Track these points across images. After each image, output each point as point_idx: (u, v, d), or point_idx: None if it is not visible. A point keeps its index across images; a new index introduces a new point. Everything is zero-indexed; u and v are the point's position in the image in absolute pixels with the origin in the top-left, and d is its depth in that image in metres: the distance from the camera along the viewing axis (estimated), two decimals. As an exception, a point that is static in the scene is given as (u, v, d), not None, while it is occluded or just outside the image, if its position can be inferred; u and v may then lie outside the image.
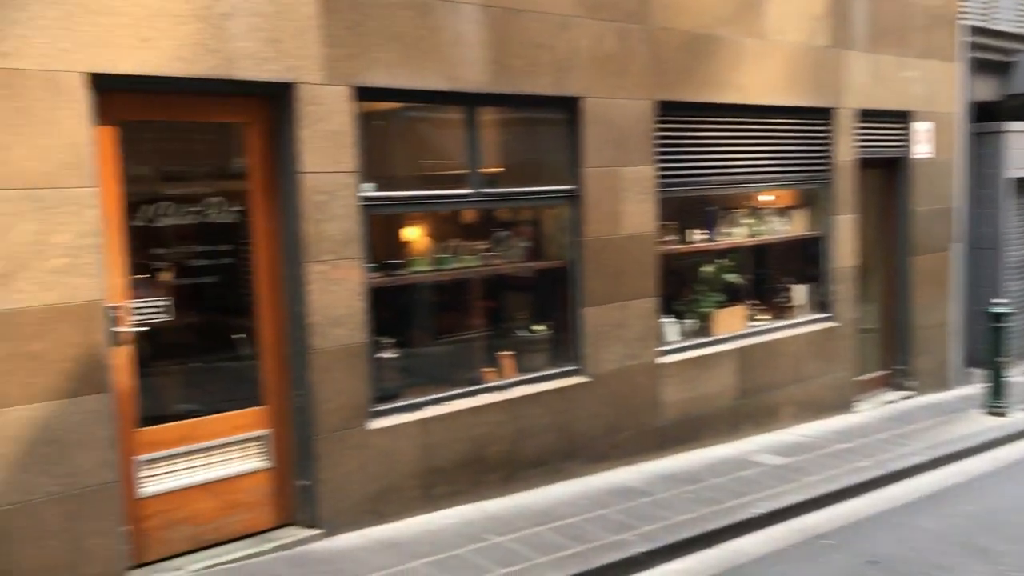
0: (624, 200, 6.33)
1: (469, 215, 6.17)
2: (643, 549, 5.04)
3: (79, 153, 4.18)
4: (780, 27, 7.29)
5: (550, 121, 6.17)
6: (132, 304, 4.59)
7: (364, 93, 5.11)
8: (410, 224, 5.96)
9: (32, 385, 4.10)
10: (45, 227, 4.11)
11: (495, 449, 5.76)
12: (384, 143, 5.59)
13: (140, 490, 4.63)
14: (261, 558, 4.82)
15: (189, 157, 5.12)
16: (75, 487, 4.22)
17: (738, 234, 7.52)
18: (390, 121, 5.72)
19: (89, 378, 4.24)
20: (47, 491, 4.16)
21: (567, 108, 6.07)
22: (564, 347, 6.27)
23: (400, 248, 5.80)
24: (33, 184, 4.07)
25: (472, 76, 5.50)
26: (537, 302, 6.42)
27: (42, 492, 4.15)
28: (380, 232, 5.48)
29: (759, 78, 7.16)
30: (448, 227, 6.12)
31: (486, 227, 6.14)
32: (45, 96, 4.08)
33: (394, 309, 5.64)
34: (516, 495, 5.83)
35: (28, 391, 4.09)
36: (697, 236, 7.19)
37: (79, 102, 4.16)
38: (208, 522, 4.86)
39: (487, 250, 6.01)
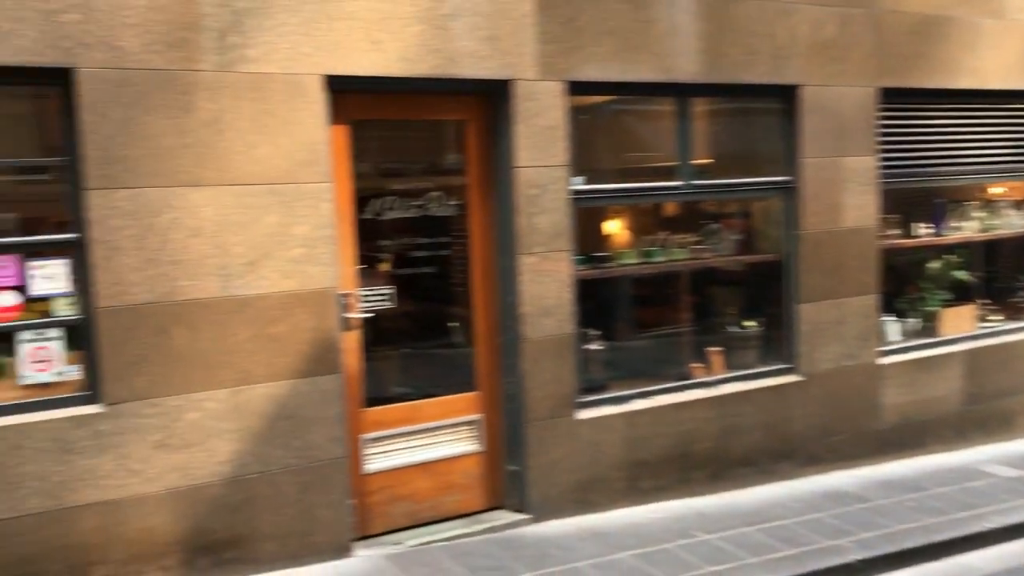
0: (844, 192, 6.05)
1: (677, 207, 6.11)
2: (860, 557, 4.82)
3: (316, 151, 4.49)
4: (1023, 4, 6.71)
5: (764, 111, 6.00)
6: (360, 292, 4.88)
7: (576, 87, 5.17)
8: (616, 217, 5.99)
9: (273, 365, 4.45)
10: (286, 220, 4.45)
11: (702, 446, 5.68)
12: (593, 136, 5.64)
13: (365, 467, 4.93)
14: (473, 538, 5.00)
15: (412, 153, 5.38)
16: (309, 460, 4.56)
17: (968, 228, 7.01)
18: (599, 114, 5.77)
19: (323, 360, 4.56)
20: (284, 463, 4.51)
21: (783, 97, 5.88)
22: (776, 344, 6.09)
23: (606, 241, 5.84)
24: (276, 180, 4.41)
25: (685, 67, 5.44)
26: (748, 297, 6.26)
27: (280, 464, 4.50)
28: (587, 225, 5.53)
29: (997, 61, 6.63)
30: (655, 220, 6.09)
31: (694, 219, 6.05)
32: (287, 98, 4.41)
33: (600, 301, 5.67)
34: (724, 494, 5.73)
35: (270, 370, 4.45)
36: (922, 230, 6.76)
37: (317, 103, 4.47)
38: (424, 500, 5.10)
39: (696, 243, 5.94)
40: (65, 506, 4.08)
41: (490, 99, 5.08)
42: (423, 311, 5.33)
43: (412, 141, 5.43)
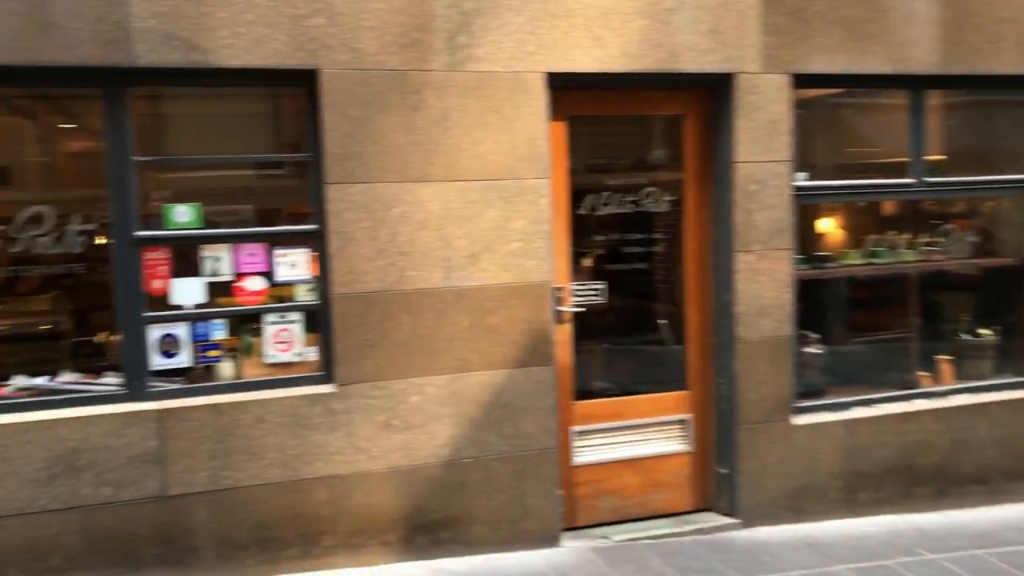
0: (1101, 191, 5.52)
1: (900, 206, 5.76)
2: (1114, 593, 4.39)
3: (536, 147, 4.58)
4: None
5: (1008, 103, 5.56)
6: (573, 286, 4.94)
7: (800, 80, 4.98)
8: (835, 215, 5.73)
9: (489, 354, 4.59)
10: (505, 214, 4.57)
11: (927, 460, 5.34)
12: (816, 130, 5.41)
13: (574, 459, 4.98)
14: (680, 538, 4.95)
15: (627, 149, 5.38)
16: (520, 449, 4.66)
17: None
18: (822, 108, 5.53)
19: (537, 351, 4.65)
20: (497, 450, 4.64)
21: (1032, 88, 5.44)
22: (1015, 355, 5.64)
23: (827, 240, 5.60)
24: (497, 175, 4.54)
25: (921, 57, 5.12)
26: (982, 303, 5.83)
27: (493, 450, 4.64)
28: (805, 222, 5.33)
29: None
30: (875, 218, 5.78)
31: (919, 219, 5.70)
32: (510, 96, 4.52)
33: (819, 303, 5.46)
34: (948, 512, 5.36)
35: (486, 359, 4.59)
36: None
37: (539, 100, 4.56)
38: (631, 497, 5.09)
39: (927, 244, 5.58)
40: (299, 478, 4.38)
41: (709, 93, 4.99)
42: (633, 307, 5.32)
43: (627, 136, 5.42)
